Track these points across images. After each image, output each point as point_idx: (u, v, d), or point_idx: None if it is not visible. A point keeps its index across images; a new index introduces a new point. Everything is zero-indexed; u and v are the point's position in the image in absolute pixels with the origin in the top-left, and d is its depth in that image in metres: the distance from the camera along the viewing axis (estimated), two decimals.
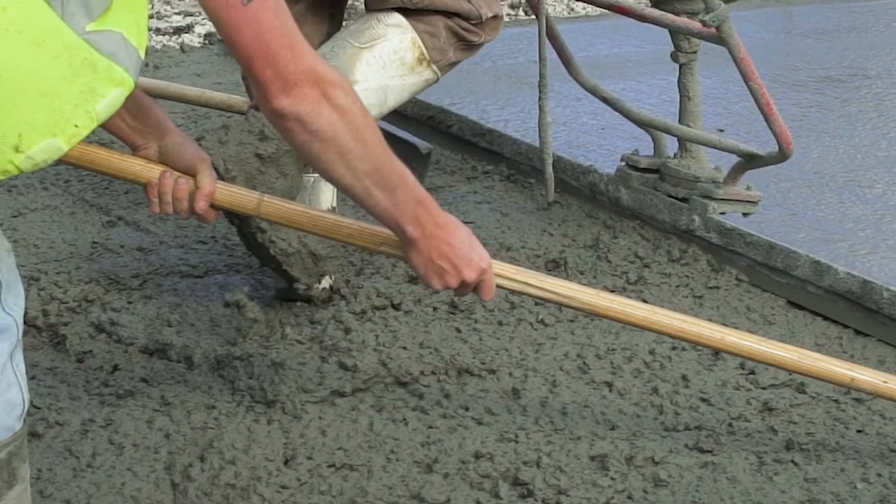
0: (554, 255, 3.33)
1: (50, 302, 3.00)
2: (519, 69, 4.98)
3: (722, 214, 3.33)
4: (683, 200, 3.38)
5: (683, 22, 3.18)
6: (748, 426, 2.59)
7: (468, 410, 2.60)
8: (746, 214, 3.39)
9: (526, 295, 2.35)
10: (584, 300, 2.33)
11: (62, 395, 2.64)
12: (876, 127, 4.52)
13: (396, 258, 2.25)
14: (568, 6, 6.20)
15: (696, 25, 3.11)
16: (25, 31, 1.63)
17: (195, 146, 2.12)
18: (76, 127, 1.70)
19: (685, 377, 2.75)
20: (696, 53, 3.36)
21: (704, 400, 2.67)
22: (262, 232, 2.82)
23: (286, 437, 2.48)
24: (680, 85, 3.40)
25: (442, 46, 2.92)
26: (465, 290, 2.18)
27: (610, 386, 2.72)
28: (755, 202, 3.36)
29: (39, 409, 2.55)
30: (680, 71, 3.38)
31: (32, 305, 2.93)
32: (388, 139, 2.01)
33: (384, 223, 2.09)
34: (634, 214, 3.50)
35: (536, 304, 3.07)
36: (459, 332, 2.89)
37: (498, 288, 2.23)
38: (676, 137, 3.42)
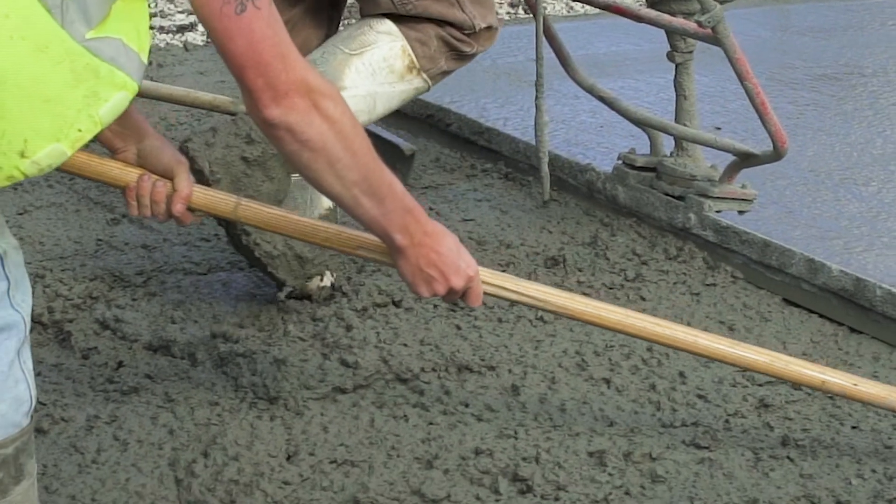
0: (553, 252, 3.33)
1: (55, 299, 3.01)
2: (518, 67, 4.98)
3: (718, 212, 3.33)
4: (680, 198, 3.38)
5: (679, 22, 3.18)
6: (744, 422, 2.60)
7: (468, 407, 2.61)
8: (742, 212, 3.39)
9: (512, 301, 2.35)
10: (570, 306, 2.34)
11: (67, 391, 2.65)
12: (871, 125, 4.52)
13: (374, 262, 2.26)
14: (567, 4, 6.19)
15: (691, 26, 3.11)
16: (28, 37, 1.63)
17: (173, 150, 2.12)
18: (80, 131, 1.71)
19: (682, 374, 2.75)
20: (692, 53, 3.36)
21: (701, 396, 2.68)
22: (246, 234, 2.82)
23: (288, 433, 2.49)
24: (676, 84, 3.40)
25: (433, 55, 2.91)
26: (452, 297, 2.18)
27: (608, 382, 2.72)
28: (751, 200, 3.36)
29: (45, 405, 2.56)
30: (676, 70, 3.39)
31: (38, 302, 2.94)
32: (372, 140, 2.01)
33: (373, 231, 2.09)
34: (631, 212, 3.51)
35: None
36: (459, 329, 2.89)
37: (485, 295, 2.24)
38: (673, 136, 3.42)
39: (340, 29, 3.07)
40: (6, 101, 1.64)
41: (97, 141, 2.09)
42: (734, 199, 3.34)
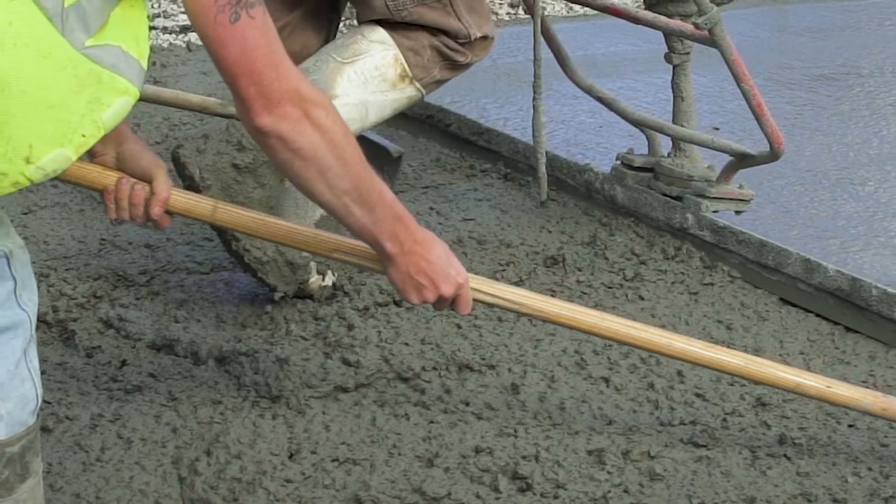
0: (552, 251, 3.34)
1: (59, 298, 3.01)
2: (518, 68, 4.98)
3: (715, 213, 3.34)
4: (677, 199, 3.39)
5: (676, 24, 3.19)
6: (742, 421, 2.60)
7: (468, 405, 2.62)
8: (739, 212, 3.40)
9: (502, 308, 2.35)
10: (560, 313, 2.34)
11: (72, 390, 2.65)
12: (868, 125, 4.53)
13: (352, 265, 2.27)
14: (566, 5, 6.20)
15: (688, 28, 3.12)
16: (31, 44, 1.64)
17: (152, 153, 2.12)
18: (84, 136, 1.72)
19: (680, 373, 2.76)
20: (689, 55, 3.36)
21: (699, 395, 2.69)
22: (236, 240, 2.82)
23: (291, 431, 2.50)
24: (674, 85, 3.41)
25: (426, 64, 2.90)
26: (442, 304, 2.18)
27: (607, 381, 2.73)
28: (747, 200, 3.37)
29: (49, 403, 2.57)
30: (674, 72, 3.39)
31: (42, 301, 2.94)
32: (359, 142, 2.02)
33: (363, 239, 2.09)
34: (629, 212, 3.51)
35: None
36: (460, 328, 2.90)
37: (475, 301, 2.24)
38: (670, 137, 3.43)
39: (338, 35, 3.06)
40: (11, 107, 1.65)
41: None
42: (731, 199, 3.34)
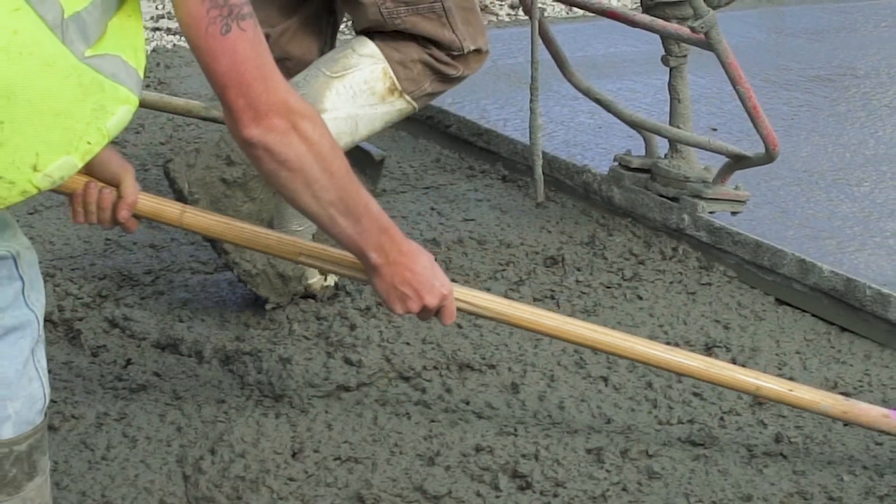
0: (552, 251, 3.34)
1: (65, 297, 3.02)
2: (518, 69, 4.98)
3: (711, 213, 3.34)
4: (674, 200, 3.39)
5: (673, 27, 3.20)
6: (739, 420, 2.61)
7: (469, 405, 2.62)
8: (735, 213, 3.40)
9: (485, 318, 2.35)
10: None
11: (77, 388, 2.66)
12: (864, 126, 4.53)
13: (316, 268, 2.27)
14: (566, 6, 6.20)
15: (685, 31, 3.12)
16: (36, 53, 1.65)
17: (119, 157, 2.11)
18: (89, 144, 1.73)
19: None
20: (685, 57, 3.37)
21: (697, 394, 2.69)
22: (225, 253, 2.84)
23: (294, 430, 2.50)
24: (670, 88, 3.41)
25: (415, 77, 2.89)
26: (426, 314, 2.19)
27: (606, 381, 2.74)
28: (743, 201, 3.38)
29: (55, 402, 2.57)
30: (670, 74, 3.40)
31: (48, 301, 2.94)
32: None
33: (348, 249, 2.10)
34: (626, 213, 3.52)
35: (535, 300, 3.09)
36: (461, 327, 2.90)
37: (460, 311, 2.24)
38: (667, 139, 3.43)
39: (337, 41, 3.06)
40: (17, 115, 1.66)
41: None
42: (727, 200, 3.35)
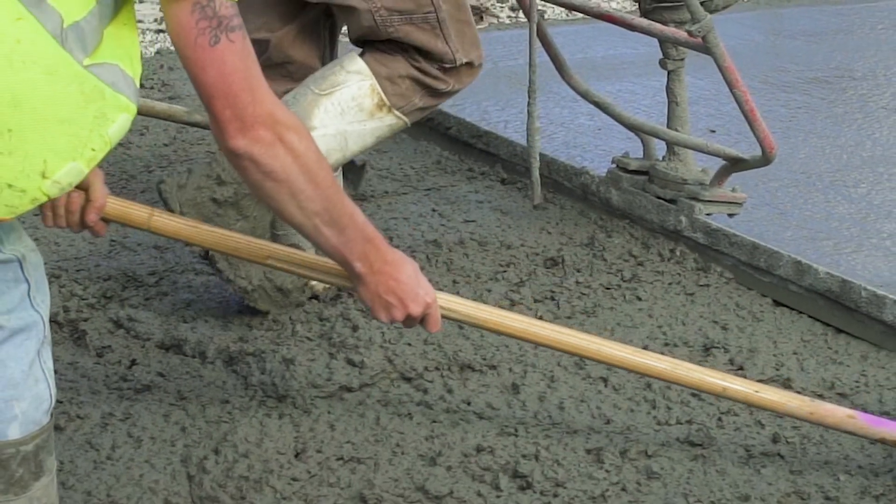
0: (552, 252, 3.35)
1: (70, 298, 3.03)
2: (519, 71, 4.98)
3: (708, 215, 3.35)
4: (671, 202, 3.40)
5: (671, 31, 3.21)
6: (737, 420, 2.62)
7: (470, 405, 2.63)
8: (732, 215, 3.41)
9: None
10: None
11: (83, 389, 2.67)
12: (861, 128, 4.54)
13: (284, 272, 2.27)
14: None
15: (682, 35, 3.13)
16: (39, 61, 1.67)
17: None
18: (93, 150, 1.74)
19: None
20: (683, 61, 3.37)
21: (695, 395, 2.69)
22: (219, 273, 2.85)
23: (297, 430, 2.51)
24: (668, 91, 3.42)
25: (403, 93, 2.89)
26: (411, 322, 2.19)
27: (605, 381, 2.74)
28: (740, 203, 3.38)
29: (61, 402, 2.58)
30: (668, 77, 3.40)
31: (54, 302, 2.96)
32: None
33: (333, 258, 2.10)
34: (624, 214, 3.52)
35: (535, 300, 3.10)
36: (462, 328, 2.90)
37: (445, 319, 2.24)
38: (665, 141, 3.44)
39: (341, 44, 3.06)
40: (23, 123, 1.67)
41: None
42: (724, 202, 3.36)
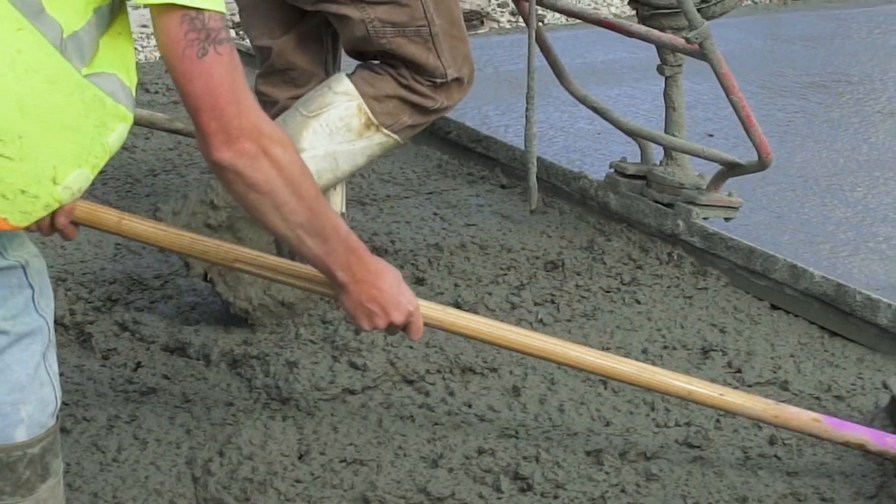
0: (552, 256, 3.36)
1: (76, 301, 3.04)
2: (520, 75, 4.96)
3: (705, 220, 3.36)
4: (668, 206, 3.41)
5: (668, 38, 3.21)
6: (734, 422, 2.62)
7: (471, 408, 2.64)
8: (728, 219, 3.41)
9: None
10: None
11: (89, 391, 2.68)
12: (857, 132, 4.55)
13: (253, 275, 2.29)
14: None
15: (679, 42, 3.14)
16: (41, 70, 1.68)
17: None
18: (96, 157, 1.76)
19: None
20: (680, 67, 3.38)
21: None
22: (218, 296, 2.86)
23: (300, 433, 2.52)
24: (666, 96, 3.42)
25: (391, 111, 2.88)
26: (393, 330, 2.19)
27: (605, 384, 2.74)
28: (736, 208, 3.39)
29: (67, 405, 2.59)
30: (666, 83, 3.41)
31: (60, 305, 2.96)
32: None
33: (316, 268, 2.10)
34: (623, 219, 3.53)
35: (536, 304, 3.11)
36: None
37: (427, 326, 2.23)
38: (662, 146, 3.45)
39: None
40: (31, 129, 1.68)
41: None
42: (721, 206, 3.37)
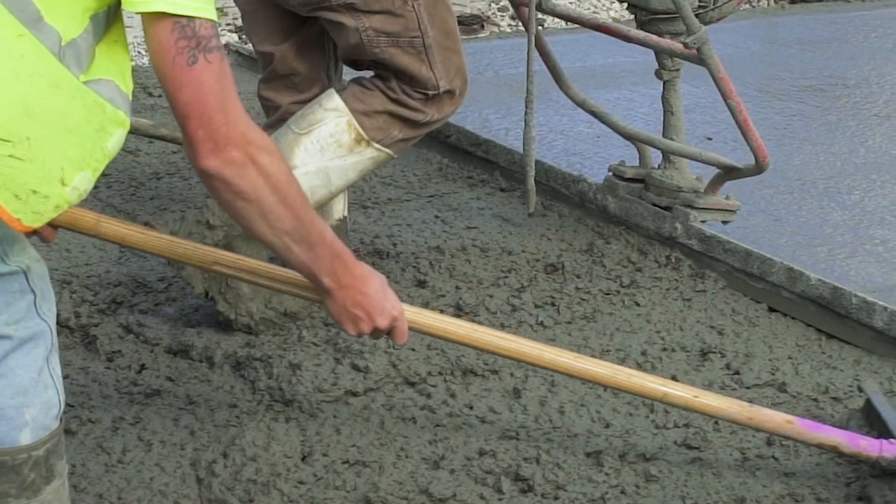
0: (552, 259, 3.36)
1: (81, 304, 3.04)
2: (520, 79, 4.92)
3: (703, 223, 3.36)
4: (667, 209, 3.41)
5: (666, 43, 3.22)
6: (732, 424, 2.62)
7: (472, 409, 2.64)
8: (726, 222, 3.42)
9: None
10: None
11: (94, 393, 2.68)
12: (854, 135, 4.55)
13: (228, 276, 2.29)
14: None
15: (678, 47, 3.15)
16: (44, 75, 1.69)
17: None
18: (97, 161, 1.77)
19: (674, 377, 2.78)
20: (678, 71, 3.39)
21: None
22: (220, 314, 2.87)
23: (303, 434, 2.52)
24: (664, 100, 3.43)
25: (381, 126, 2.88)
26: (378, 335, 2.20)
27: (605, 386, 2.75)
28: (734, 211, 3.40)
29: (73, 407, 2.60)
30: (664, 87, 3.42)
31: (65, 307, 2.98)
32: None
33: (302, 274, 2.10)
34: (621, 221, 3.54)
35: (536, 306, 3.11)
36: None
37: (412, 330, 2.23)
38: (660, 150, 3.45)
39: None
40: (38, 131, 1.69)
41: None
42: (718, 209, 3.37)
